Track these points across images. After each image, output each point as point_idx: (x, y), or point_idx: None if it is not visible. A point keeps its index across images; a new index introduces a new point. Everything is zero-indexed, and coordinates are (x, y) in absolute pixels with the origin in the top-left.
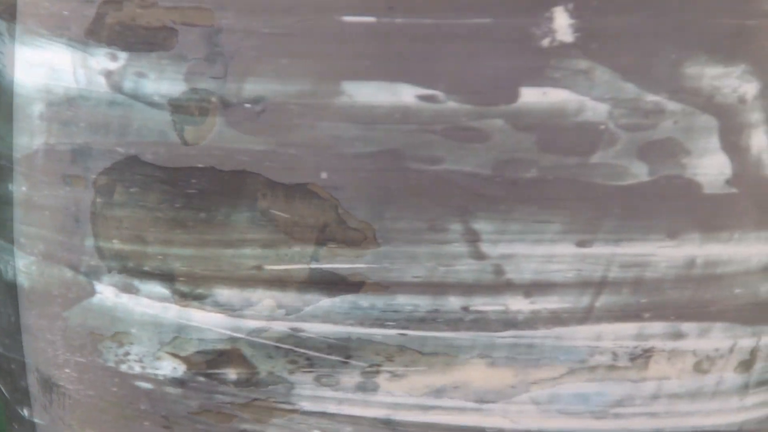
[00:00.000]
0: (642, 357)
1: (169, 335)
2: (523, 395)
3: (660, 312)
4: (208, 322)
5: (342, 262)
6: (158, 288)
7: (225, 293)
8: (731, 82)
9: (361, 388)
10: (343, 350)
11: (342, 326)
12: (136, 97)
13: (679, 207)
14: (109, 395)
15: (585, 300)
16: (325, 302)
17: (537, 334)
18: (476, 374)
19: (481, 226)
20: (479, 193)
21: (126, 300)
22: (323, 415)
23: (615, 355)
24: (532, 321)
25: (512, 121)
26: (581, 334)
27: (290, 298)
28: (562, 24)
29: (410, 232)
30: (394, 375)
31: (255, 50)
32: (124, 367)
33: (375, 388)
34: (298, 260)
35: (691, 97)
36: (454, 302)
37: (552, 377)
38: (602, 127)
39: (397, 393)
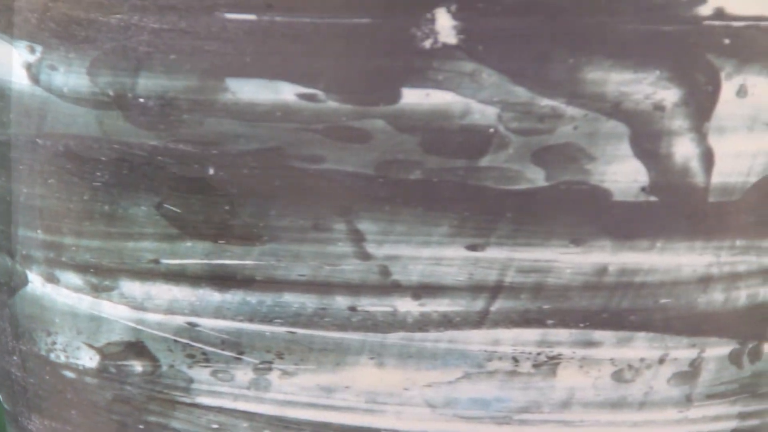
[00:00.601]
0: (547, 364)
1: (85, 326)
2: (417, 398)
3: (566, 319)
4: (116, 314)
5: (231, 259)
6: (74, 279)
7: (129, 286)
8: (643, 88)
9: (255, 384)
10: (236, 346)
11: (233, 322)
12: (50, 89)
13: (584, 213)
14: (44, 383)
15: (479, 304)
16: (217, 297)
17: (428, 337)
18: (366, 375)
19: (365, 226)
20: (362, 194)
21: (50, 290)
22: (221, 410)
23: (516, 360)
24: (422, 323)
25: (394, 122)
26: (476, 339)
27: (185, 292)
28: (445, 25)
29: (295, 231)
30: (285, 372)
31: (146, 46)
32: (52, 356)
33: (267, 385)
34: (191, 255)
35: (593, 103)
36: (340, 302)
37: (447, 381)
38: (491, 130)
39: (289, 390)
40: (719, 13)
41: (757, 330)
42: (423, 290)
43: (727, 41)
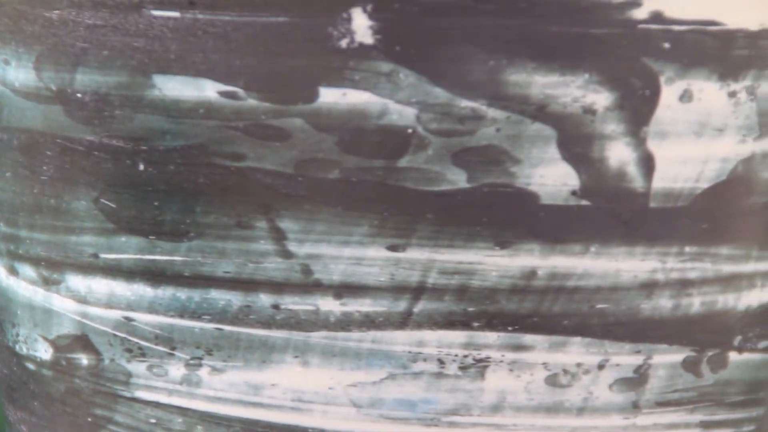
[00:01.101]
0: (475, 366)
1: (40, 318)
2: (342, 398)
3: (494, 322)
4: (63, 308)
5: (161, 254)
6: (29, 272)
7: (73, 279)
8: (572, 91)
9: (186, 380)
10: (168, 341)
11: (165, 317)
12: (5, 83)
13: (510, 216)
14: (13, 374)
15: (402, 305)
16: (150, 293)
17: (351, 337)
18: (292, 373)
19: (286, 224)
20: (282, 192)
21: (12, 282)
22: (157, 405)
23: (441, 362)
24: (345, 323)
25: (312, 121)
26: (400, 340)
27: (122, 287)
28: (361, 25)
29: (219, 228)
30: (215, 369)
31: (83, 41)
32: (17, 348)
33: (199, 381)
34: (125, 250)
35: (516, 105)
36: (264, 300)
37: (371, 381)
38: (409, 131)
39: (219, 387)
40: (657, 17)
41: (719, 338)
42: (345, 290)
43: (666, 45)
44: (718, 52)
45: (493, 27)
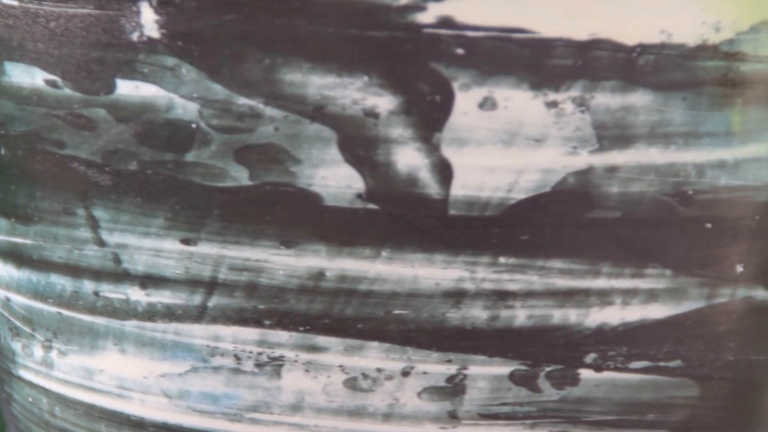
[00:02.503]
0: (270, 365)
1: None
2: (155, 387)
3: (285, 321)
4: None
5: (18, 237)
6: None
7: None
8: (351, 93)
9: (44, 361)
10: (30, 322)
11: (25, 299)
12: None
13: (293, 216)
14: None
15: (197, 299)
16: (16, 274)
17: (157, 327)
18: (113, 360)
19: (99, 213)
20: (93, 181)
21: None
22: (30, 384)
23: (238, 358)
24: (150, 313)
25: (113, 112)
26: (199, 333)
27: (1, 267)
28: (149, 19)
29: (52, 213)
30: (60, 352)
31: None
32: None
33: (51, 363)
34: (0, 231)
35: (293, 105)
36: (88, 286)
37: (177, 372)
38: (193, 126)
39: (65, 369)
40: (446, 22)
41: (559, 354)
42: (148, 280)
43: (460, 51)
44: (528, 60)
45: (268, 26)
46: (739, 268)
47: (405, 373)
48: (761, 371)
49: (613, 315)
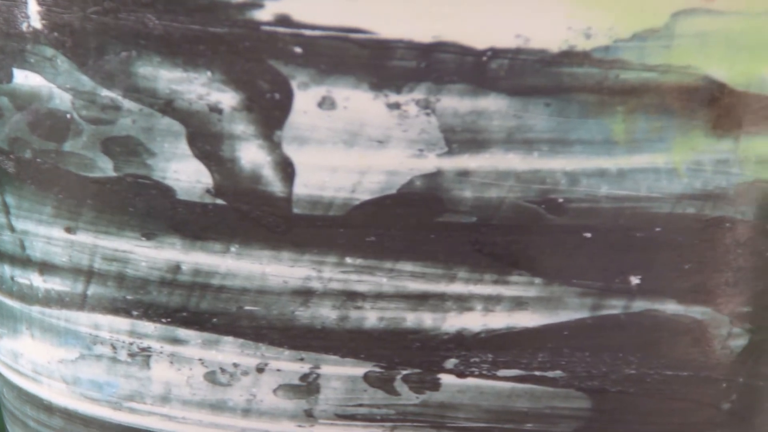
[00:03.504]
0: (140, 355)
1: None
2: (56, 373)
3: (150, 312)
4: None
5: None
6: None
7: None
8: (196, 88)
9: None
10: None
11: None
12: None
13: (151, 208)
14: None
15: (79, 287)
16: None
17: (53, 314)
18: (27, 344)
19: (9, 199)
20: (3, 168)
21: None
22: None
23: (114, 347)
24: (47, 300)
25: (12, 100)
26: (83, 321)
27: None
28: (34, 10)
29: None
30: (0, 334)
31: None
32: None
33: None
34: None
35: (147, 98)
36: (7, 271)
37: (70, 359)
38: (68, 116)
39: (2, 352)
40: (283, 20)
41: (415, 358)
42: (44, 267)
43: (298, 50)
44: (367, 61)
45: (124, 19)
46: (634, 280)
47: (260, 370)
48: (683, 386)
49: (474, 321)
